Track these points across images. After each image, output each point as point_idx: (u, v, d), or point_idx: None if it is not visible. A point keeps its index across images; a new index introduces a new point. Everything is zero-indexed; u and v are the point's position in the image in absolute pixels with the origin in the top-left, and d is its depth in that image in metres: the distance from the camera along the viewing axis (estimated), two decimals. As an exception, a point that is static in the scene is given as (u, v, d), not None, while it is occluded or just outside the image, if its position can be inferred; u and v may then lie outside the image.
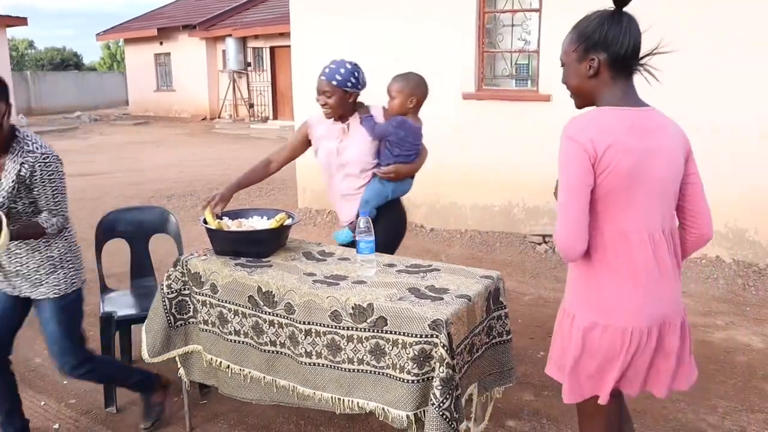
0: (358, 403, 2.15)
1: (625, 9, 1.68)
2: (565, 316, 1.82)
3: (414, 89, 3.06)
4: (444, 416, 1.92)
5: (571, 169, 1.63)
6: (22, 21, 18.71)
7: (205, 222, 2.67)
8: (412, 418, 2.01)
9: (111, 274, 4.91)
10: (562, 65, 1.82)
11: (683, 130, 1.75)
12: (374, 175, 2.94)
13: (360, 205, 2.91)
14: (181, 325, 2.65)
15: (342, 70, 2.90)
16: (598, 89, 1.74)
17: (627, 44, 1.66)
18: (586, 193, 1.63)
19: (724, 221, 5.02)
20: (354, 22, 6.57)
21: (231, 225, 2.71)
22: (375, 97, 3.17)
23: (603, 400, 1.74)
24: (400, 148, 2.94)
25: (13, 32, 35.12)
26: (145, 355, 2.65)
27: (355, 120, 2.99)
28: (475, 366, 2.27)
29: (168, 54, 21.60)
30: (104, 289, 3.32)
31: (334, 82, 2.88)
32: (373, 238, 2.42)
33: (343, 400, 2.18)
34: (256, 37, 18.73)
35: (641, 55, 1.71)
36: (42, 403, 3.12)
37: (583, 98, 1.80)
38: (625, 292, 1.67)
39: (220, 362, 2.53)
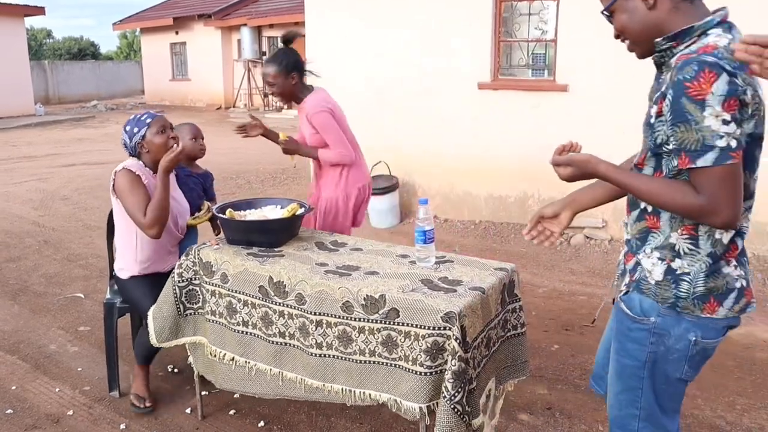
0: (370, 394, 2.14)
1: None
2: None
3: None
4: (455, 410, 1.90)
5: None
6: (39, 11, 18.88)
7: (219, 212, 2.66)
8: (425, 410, 1.99)
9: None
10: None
11: None
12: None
13: None
14: (190, 314, 2.65)
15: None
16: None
17: None
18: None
19: (744, 214, 4.92)
20: (369, 11, 6.51)
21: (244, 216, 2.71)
22: (389, 85, 3.15)
23: None
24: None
25: (31, 21, 35.46)
26: (153, 340, 2.67)
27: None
28: (493, 360, 2.24)
29: (183, 43, 21.66)
30: (113, 276, 3.32)
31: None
32: (432, 227, 2.33)
33: (354, 391, 2.16)
34: (271, 26, 18.71)
35: None
36: (57, 389, 3.14)
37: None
38: None
39: (224, 355, 2.53)
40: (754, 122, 1.45)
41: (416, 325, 2.00)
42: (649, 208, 1.64)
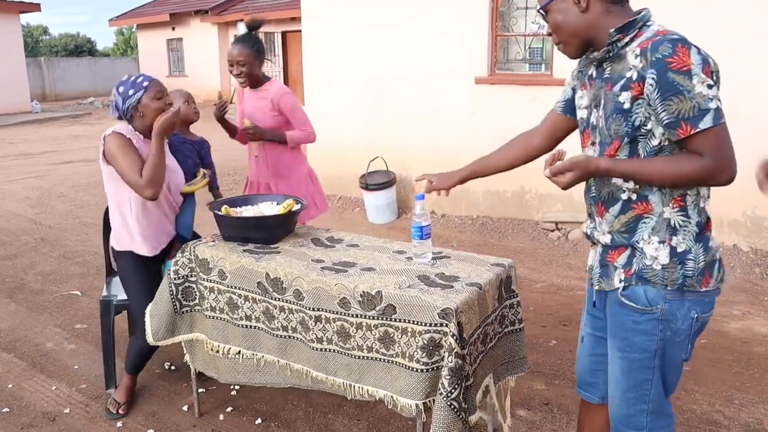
0: (368, 390, 2.13)
1: None
2: None
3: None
4: (452, 406, 1.89)
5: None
6: (35, 7, 18.78)
7: (215, 209, 2.65)
8: (422, 407, 1.98)
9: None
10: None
11: None
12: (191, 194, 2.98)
13: (185, 231, 2.89)
14: (186, 311, 2.63)
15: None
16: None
17: None
18: None
19: (742, 209, 4.92)
20: (365, 6, 6.48)
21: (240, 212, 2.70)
22: (386, 81, 3.14)
23: None
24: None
25: (27, 18, 35.29)
26: (149, 338, 2.66)
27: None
28: (489, 356, 2.23)
29: (180, 39, 21.58)
30: (110, 273, 3.31)
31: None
32: (429, 223, 2.31)
33: (354, 386, 2.16)
34: (267, 22, 18.62)
35: None
36: (53, 387, 3.13)
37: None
38: None
39: (229, 349, 2.52)
40: (719, 88, 1.57)
41: (413, 322, 1.98)
42: (634, 196, 1.67)
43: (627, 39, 1.62)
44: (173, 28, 21.36)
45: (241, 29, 3.35)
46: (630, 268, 1.68)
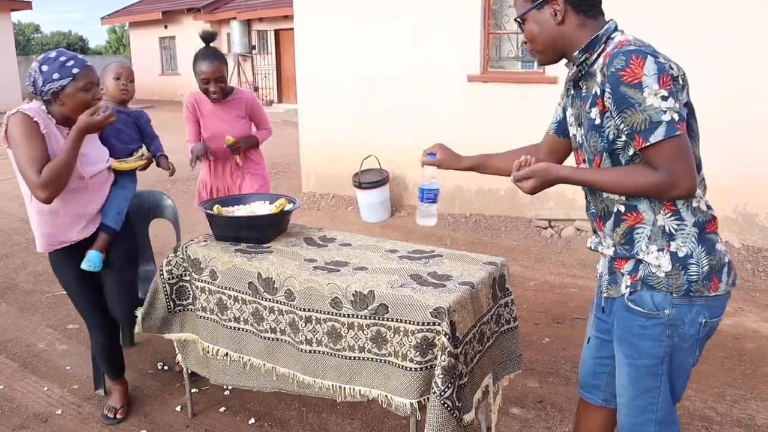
0: (360, 390, 2.12)
1: None
2: None
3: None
4: (446, 405, 1.89)
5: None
6: (26, 5, 18.65)
7: (207, 208, 2.63)
8: (416, 405, 1.98)
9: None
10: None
11: None
12: (115, 182, 2.71)
13: (110, 219, 2.63)
14: (180, 311, 2.62)
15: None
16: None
17: None
18: None
19: (734, 206, 4.94)
20: (357, 5, 6.47)
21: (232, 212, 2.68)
22: (379, 79, 3.13)
23: None
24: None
25: (18, 16, 35.05)
26: (137, 328, 2.64)
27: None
28: (488, 356, 2.23)
29: (173, 37, 21.47)
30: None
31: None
32: (438, 186, 2.16)
33: (344, 388, 2.15)
34: (260, 20, 18.57)
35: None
36: (45, 388, 3.11)
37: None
38: None
39: (217, 351, 2.51)
40: (685, 91, 1.57)
41: (405, 321, 1.98)
42: (623, 208, 1.68)
43: (594, 56, 1.65)
44: (166, 27, 21.26)
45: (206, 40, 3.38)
46: (636, 274, 1.68)
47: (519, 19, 1.75)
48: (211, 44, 3.35)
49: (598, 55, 1.64)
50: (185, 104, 3.38)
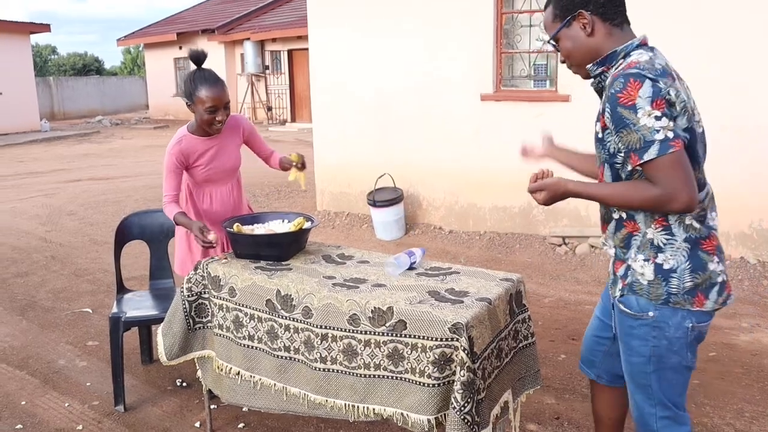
0: (374, 409, 2.13)
1: None
2: None
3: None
4: (465, 420, 1.91)
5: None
6: (45, 27, 19.06)
7: (227, 227, 2.68)
8: (433, 422, 2.00)
9: (136, 276, 5.00)
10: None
11: None
12: None
13: None
14: (199, 328, 2.66)
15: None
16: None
17: None
18: None
19: (749, 222, 4.93)
20: (371, 24, 6.57)
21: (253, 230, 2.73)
22: (392, 99, 3.18)
23: None
24: None
25: (36, 38, 35.72)
26: (162, 357, 2.67)
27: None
28: (506, 372, 2.25)
29: (187, 58, 21.77)
30: (120, 290, 3.36)
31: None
32: (418, 260, 2.54)
33: (358, 407, 2.16)
34: (274, 40, 18.84)
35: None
36: (66, 404, 3.16)
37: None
38: None
39: (230, 369, 2.53)
40: (685, 118, 1.64)
41: (424, 337, 2.01)
42: (624, 215, 1.79)
43: (613, 70, 1.74)
44: (180, 47, 21.59)
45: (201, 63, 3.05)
46: (626, 279, 1.81)
47: (553, 41, 1.84)
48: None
49: (616, 69, 1.72)
50: (173, 157, 2.81)
